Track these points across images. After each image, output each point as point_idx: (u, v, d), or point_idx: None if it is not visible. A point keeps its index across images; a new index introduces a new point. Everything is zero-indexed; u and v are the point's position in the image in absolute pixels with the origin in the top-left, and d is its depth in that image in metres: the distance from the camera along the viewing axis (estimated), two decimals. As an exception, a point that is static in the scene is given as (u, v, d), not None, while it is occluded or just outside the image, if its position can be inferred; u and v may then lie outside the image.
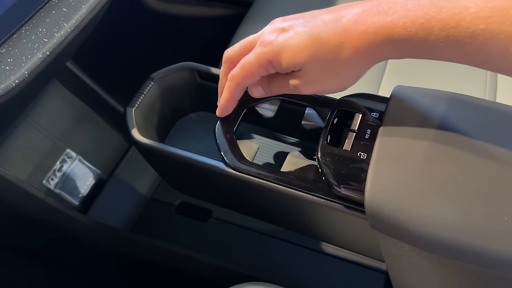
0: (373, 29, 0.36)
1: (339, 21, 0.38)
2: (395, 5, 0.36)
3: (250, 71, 0.44)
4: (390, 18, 0.35)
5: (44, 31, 0.49)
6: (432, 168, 0.40)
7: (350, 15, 0.38)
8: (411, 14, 0.35)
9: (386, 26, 0.35)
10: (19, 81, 0.45)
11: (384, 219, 0.40)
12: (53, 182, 0.76)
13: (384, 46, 0.36)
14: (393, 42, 0.36)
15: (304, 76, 0.41)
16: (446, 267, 0.41)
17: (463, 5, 0.33)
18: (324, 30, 0.39)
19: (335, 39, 0.38)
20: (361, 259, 0.78)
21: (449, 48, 0.34)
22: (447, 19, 0.33)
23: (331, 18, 0.39)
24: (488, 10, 0.32)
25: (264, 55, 0.42)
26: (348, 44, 0.37)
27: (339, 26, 0.38)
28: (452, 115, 0.42)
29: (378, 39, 0.36)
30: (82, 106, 0.83)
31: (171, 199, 0.87)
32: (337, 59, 0.38)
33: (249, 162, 0.49)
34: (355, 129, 0.46)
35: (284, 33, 0.41)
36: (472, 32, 0.32)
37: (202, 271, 0.80)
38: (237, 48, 0.46)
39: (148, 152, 0.54)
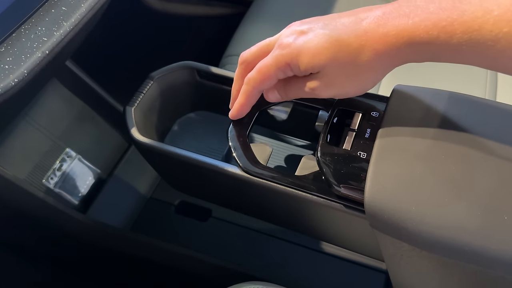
0: (394, 32, 0.36)
1: (359, 24, 0.38)
2: (416, 8, 0.35)
3: (268, 74, 0.43)
4: (411, 21, 0.35)
5: (43, 30, 0.49)
6: (432, 168, 0.40)
7: (371, 18, 0.37)
8: (433, 17, 0.34)
9: (407, 29, 0.35)
10: (18, 80, 0.45)
11: (384, 218, 0.40)
12: (53, 181, 0.76)
13: (405, 49, 0.36)
14: (414, 45, 0.35)
15: (323, 78, 0.40)
16: (446, 266, 0.41)
17: (486, 8, 0.32)
18: (344, 32, 0.38)
19: (355, 41, 0.37)
20: (361, 259, 0.78)
21: (471, 51, 0.34)
22: (470, 22, 0.33)
23: (351, 21, 0.38)
24: (511, 13, 0.31)
25: (282, 58, 0.41)
26: (369, 47, 0.37)
27: (359, 29, 0.37)
28: (452, 115, 0.42)
29: (399, 42, 0.36)
30: (81, 105, 0.83)
31: (171, 199, 0.87)
32: (357, 62, 0.38)
33: (263, 166, 0.48)
34: (355, 128, 0.46)
35: (303, 36, 0.40)
36: (495, 35, 0.32)
37: (202, 270, 0.80)
38: (254, 50, 0.45)
39: (148, 151, 0.54)
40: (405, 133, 0.42)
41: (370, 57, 0.37)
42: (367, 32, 0.37)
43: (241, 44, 0.87)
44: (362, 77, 0.40)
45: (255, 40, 0.87)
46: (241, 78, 0.47)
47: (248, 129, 0.51)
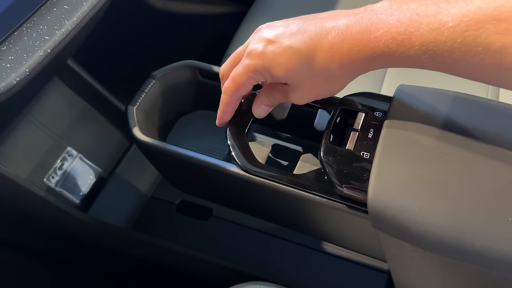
0: (357, 48, 0.38)
1: (325, 37, 0.40)
2: (377, 21, 0.37)
3: (240, 82, 0.45)
4: (373, 36, 0.37)
5: (45, 28, 0.49)
6: (436, 168, 0.39)
7: (336, 31, 0.39)
8: (392, 31, 0.36)
9: (369, 45, 0.37)
10: (20, 78, 0.45)
11: (386, 219, 0.39)
12: (54, 180, 0.76)
13: (369, 61, 0.38)
14: (376, 57, 0.38)
15: (296, 89, 0.44)
16: (449, 267, 0.41)
17: (440, 20, 0.34)
18: (311, 47, 0.40)
19: (322, 57, 0.40)
20: (363, 259, 0.77)
21: (429, 61, 0.36)
22: (426, 35, 0.34)
23: (317, 33, 0.40)
24: (464, 24, 0.33)
25: (252, 67, 0.43)
26: (335, 62, 0.40)
27: (325, 44, 0.40)
28: (456, 115, 0.42)
29: (362, 57, 0.38)
30: (83, 104, 0.83)
31: (172, 198, 0.87)
32: (326, 74, 0.41)
33: (262, 164, 0.48)
34: (358, 128, 0.46)
35: (271, 46, 0.42)
36: (450, 46, 0.34)
37: (203, 269, 0.80)
38: (228, 63, 0.48)
39: (149, 150, 0.54)
40: (409, 133, 0.42)
41: (336, 70, 0.40)
42: (332, 47, 0.39)
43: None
44: (330, 86, 0.43)
45: (257, 39, 0.87)
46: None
47: (246, 127, 0.51)
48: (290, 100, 0.45)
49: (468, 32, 0.33)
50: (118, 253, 0.81)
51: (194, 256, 0.78)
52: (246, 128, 0.51)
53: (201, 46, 1.13)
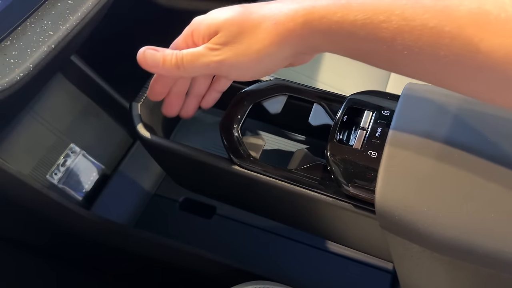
0: (295, 7, 0.37)
1: (267, 4, 0.40)
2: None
3: (174, 47, 0.45)
4: (314, 1, 0.37)
5: (49, 23, 0.49)
6: (445, 168, 0.39)
7: (281, 1, 0.40)
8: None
9: (308, 4, 0.37)
10: (23, 74, 0.45)
11: (394, 219, 0.39)
12: (57, 177, 0.75)
13: (303, 25, 0.37)
14: (311, 21, 0.37)
15: (220, 39, 0.41)
16: (458, 269, 0.40)
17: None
18: (251, 7, 0.41)
19: (258, 11, 0.40)
20: (367, 258, 0.77)
21: (366, 33, 0.34)
22: (366, 1, 0.34)
23: (262, 3, 0.41)
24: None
25: (188, 29, 0.44)
26: (270, 17, 0.38)
27: (265, 6, 0.40)
28: (466, 114, 0.42)
29: (297, 16, 0.37)
30: (86, 100, 0.82)
31: (175, 195, 0.87)
32: (255, 28, 0.39)
33: (255, 159, 0.48)
34: (365, 127, 0.45)
35: (214, 11, 0.43)
36: (388, 17, 0.33)
37: (206, 268, 0.79)
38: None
39: (154, 148, 0.54)
40: (417, 132, 0.41)
41: (269, 27, 0.38)
42: (272, 8, 0.39)
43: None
44: (259, 48, 0.39)
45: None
46: None
47: (240, 122, 0.51)
48: (213, 54, 0.41)
49: (407, 6, 0.32)
50: (121, 251, 0.81)
51: (197, 254, 0.77)
52: (240, 122, 0.51)
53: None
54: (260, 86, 0.53)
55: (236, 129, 0.50)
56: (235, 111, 0.51)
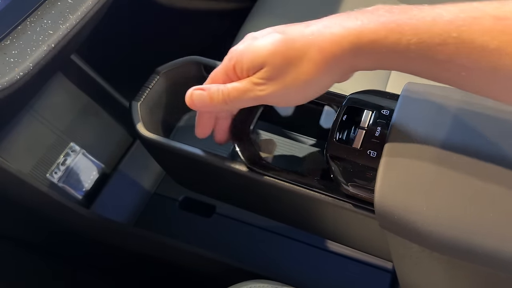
0: (340, 31, 0.36)
1: (307, 27, 0.38)
2: (364, 13, 0.36)
3: (216, 80, 0.43)
4: (359, 22, 0.35)
5: (49, 22, 0.49)
6: (444, 168, 0.39)
7: (320, 23, 0.38)
8: (381, 19, 0.34)
9: (354, 28, 0.35)
10: (23, 73, 0.45)
11: (394, 219, 0.39)
12: (57, 175, 0.75)
13: (351, 51, 0.35)
14: (360, 47, 0.35)
15: (266, 74, 0.39)
16: (457, 268, 0.41)
17: (436, 13, 0.32)
18: (290, 32, 0.39)
19: (301, 39, 0.37)
20: (367, 258, 0.77)
21: (419, 55, 0.33)
22: (420, 24, 0.33)
23: (301, 26, 0.39)
24: (461, 19, 0.31)
25: (228, 62, 0.42)
26: (314, 45, 0.37)
27: (307, 31, 0.38)
28: (465, 113, 0.42)
29: (345, 41, 0.35)
30: (86, 99, 0.82)
31: (175, 194, 0.87)
32: (301, 59, 0.37)
33: (266, 161, 0.48)
34: (365, 126, 0.45)
35: (252, 40, 0.41)
36: (444, 40, 0.32)
37: (205, 267, 0.79)
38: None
39: (153, 147, 0.54)
40: (417, 131, 0.41)
41: (315, 56, 0.37)
42: (314, 33, 0.37)
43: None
44: (306, 79, 0.38)
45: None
46: None
47: (252, 124, 0.50)
48: (259, 89, 0.40)
49: (464, 27, 0.31)
50: (121, 250, 0.81)
51: (197, 253, 0.77)
52: (252, 124, 0.51)
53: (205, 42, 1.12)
54: None
55: (248, 131, 0.50)
56: (247, 114, 0.50)
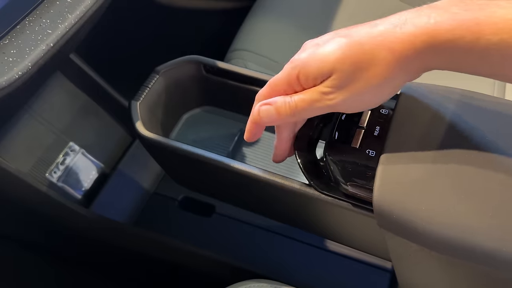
0: (412, 30, 0.33)
1: (374, 27, 0.35)
2: (437, 10, 0.33)
3: (276, 89, 0.40)
4: (433, 20, 0.32)
5: (48, 22, 0.48)
6: (443, 167, 0.39)
7: (387, 22, 0.35)
8: (457, 17, 0.31)
9: (428, 27, 0.32)
10: (22, 73, 0.45)
11: (392, 218, 0.39)
12: (56, 175, 0.75)
13: (425, 51, 0.33)
14: (434, 47, 0.32)
15: (335, 81, 0.36)
16: (455, 267, 0.40)
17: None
18: (357, 35, 0.36)
19: (369, 42, 0.35)
20: (366, 257, 0.77)
21: (500, 57, 0.31)
22: (500, 23, 0.30)
23: (366, 27, 0.36)
24: None
25: (292, 70, 0.38)
26: (384, 46, 0.34)
27: (374, 31, 0.35)
28: (464, 113, 0.42)
29: (418, 41, 0.33)
30: (85, 99, 0.82)
31: (174, 194, 0.87)
32: (371, 63, 0.35)
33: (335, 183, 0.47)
34: (364, 125, 0.45)
35: (315, 47, 0.38)
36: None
37: (205, 266, 0.79)
38: (264, 90, 0.42)
39: (153, 146, 0.54)
40: (416, 131, 0.41)
41: (386, 57, 0.34)
42: (383, 33, 0.34)
43: (247, 39, 0.86)
44: (378, 82, 0.35)
45: (261, 34, 0.87)
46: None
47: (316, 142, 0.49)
48: (328, 98, 0.37)
49: None
50: (120, 249, 0.81)
51: (196, 252, 0.77)
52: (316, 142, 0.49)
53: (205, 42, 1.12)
54: None
55: (314, 152, 0.48)
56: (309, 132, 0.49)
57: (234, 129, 0.63)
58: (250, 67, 0.80)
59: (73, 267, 0.91)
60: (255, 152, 0.62)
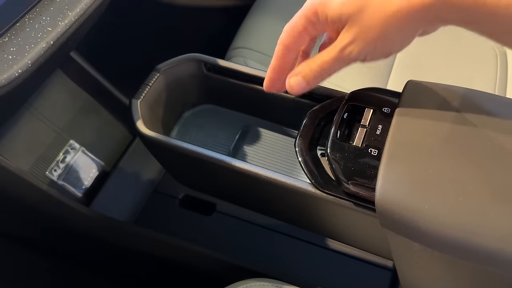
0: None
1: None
2: None
3: (297, 27, 0.40)
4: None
5: (48, 19, 0.48)
6: (446, 166, 0.39)
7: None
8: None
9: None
10: (22, 71, 0.44)
11: (395, 217, 0.39)
12: (56, 173, 0.75)
13: (436, 4, 0.34)
14: (446, 2, 0.33)
15: (351, 33, 0.37)
16: (458, 267, 0.40)
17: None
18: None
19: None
20: (367, 256, 0.77)
21: (506, 18, 0.32)
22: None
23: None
24: None
25: (311, 5, 0.39)
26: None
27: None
28: (466, 111, 0.41)
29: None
30: (86, 97, 0.82)
31: (175, 192, 0.87)
32: (387, 10, 0.35)
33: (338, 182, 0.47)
34: (366, 124, 0.45)
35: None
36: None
37: (205, 265, 0.79)
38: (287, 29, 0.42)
39: (153, 145, 0.53)
40: (418, 130, 0.41)
41: (402, 4, 0.35)
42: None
43: (248, 37, 0.86)
44: (390, 32, 0.37)
45: (261, 32, 0.87)
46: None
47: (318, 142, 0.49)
48: (340, 52, 0.39)
49: None
50: (120, 248, 0.81)
51: (197, 251, 0.77)
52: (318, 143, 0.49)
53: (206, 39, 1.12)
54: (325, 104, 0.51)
55: (315, 151, 0.48)
56: (311, 131, 0.49)
57: (235, 127, 0.63)
58: (250, 65, 0.80)
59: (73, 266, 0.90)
60: (256, 150, 0.61)
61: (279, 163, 0.60)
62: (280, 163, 0.60)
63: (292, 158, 0.61)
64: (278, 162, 0.60)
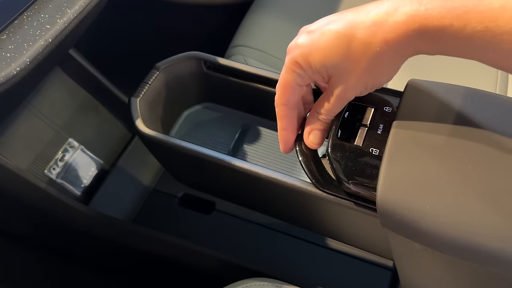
0: (404, 19, 0.34)
1: (367, 15, 0.36)
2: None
3: (286, 83, 0.41)
4: (423, 8, 0.33)
5: (46, 17, 0.48)
6: (447, 166, 0.38)
7: (379, 9, 0.36)
8: (447, 5, 0.33)
9: (419, 15, 0.34)
10: (20, 68, 0.44)
11: (396, 217, 0.38)
12: (55, 171, 0.75)
13: (416, 38, 0.35)
14: (425, 33, 0.34)
15: (340, 81, 0.39)
16: (459, 267, 0.40)
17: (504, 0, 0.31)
18: (351, 26, 0.37)
19: (364, 33, 0.36)
20: (367, 255, 0.77)
21: (484, 44, 0.32)
22: (486, 12, 0.31)
23: (358, 15, 0.37)
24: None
25: (292, 59, 0.40)
26: (379, 37, 0.35)
27: (367, 21, 0.36)
28: (468, 111, 0.41)
29: (410, 29, 0.34)
30: (85, 95, 0.82)
31: (174, 191, 0.86)
32: (368, 55, 0.37)
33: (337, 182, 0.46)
34: (367, 123, 0.44)
35: (311, 34, 0.39)
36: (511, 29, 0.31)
37: (204, 264, 0.79)
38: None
39: (153, 143, 0.53)
40: (420, 129, 0.41)
41: (381, 48, 0.36)
42: (376, 22, 0.36)
43: (248, 35, 0.85)
44: (375, 71, 0.38)
45: (261, 30, 0.86)
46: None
47: None
48: (337, 100, 0.41)
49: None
50: (119, 246, 0.81)
51: (196, 250, 0.77)
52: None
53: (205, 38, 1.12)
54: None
55: (316, 150, 0.48)
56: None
57: (235, 126, 0.63)
58: (250, 63, 0.80)
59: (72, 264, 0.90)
60: (256, 150, 0.61)
61: (279, 162, 0.60)
62: (280, 162, 0.60)
63: (293, 157, 0.60)
64: (278, 161, 0.60)
